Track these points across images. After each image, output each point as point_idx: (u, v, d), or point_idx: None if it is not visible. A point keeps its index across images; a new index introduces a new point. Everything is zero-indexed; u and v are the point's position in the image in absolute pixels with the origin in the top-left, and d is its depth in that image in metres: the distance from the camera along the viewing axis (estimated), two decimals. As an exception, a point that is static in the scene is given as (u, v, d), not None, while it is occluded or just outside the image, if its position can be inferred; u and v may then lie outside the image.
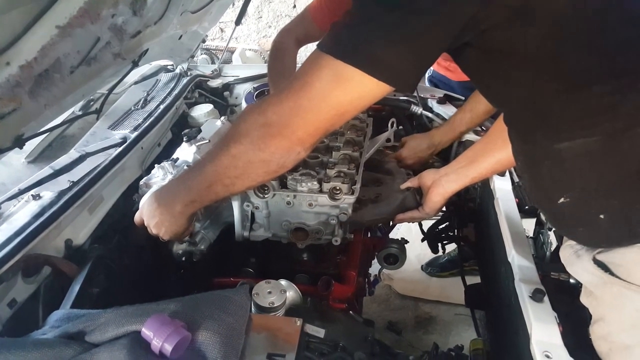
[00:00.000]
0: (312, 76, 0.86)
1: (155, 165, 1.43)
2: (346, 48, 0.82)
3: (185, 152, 1.51)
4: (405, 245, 1.65)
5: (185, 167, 1.42)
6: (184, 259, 1.39)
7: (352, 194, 1.30)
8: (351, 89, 0.85)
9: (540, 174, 0.93)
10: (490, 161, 1.28)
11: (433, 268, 2.80)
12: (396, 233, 1.84)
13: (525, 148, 0.95)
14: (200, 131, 1.61)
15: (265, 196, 1.33)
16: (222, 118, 1.75)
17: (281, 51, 1.91)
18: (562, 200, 0.88)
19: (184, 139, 1.54)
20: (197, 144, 1.51)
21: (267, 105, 0.94)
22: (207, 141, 1.53)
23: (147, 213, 1.19)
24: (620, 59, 0.81)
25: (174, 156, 1.51)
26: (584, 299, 0.96)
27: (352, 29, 0.83)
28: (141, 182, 1.42)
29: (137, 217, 1.24)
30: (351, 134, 1.58)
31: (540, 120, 0.88)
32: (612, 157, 0.83)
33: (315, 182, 1.31)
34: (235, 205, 1.36)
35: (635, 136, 0.80)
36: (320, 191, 1.31)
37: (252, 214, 1.39)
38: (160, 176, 1.40)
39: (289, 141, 0.93)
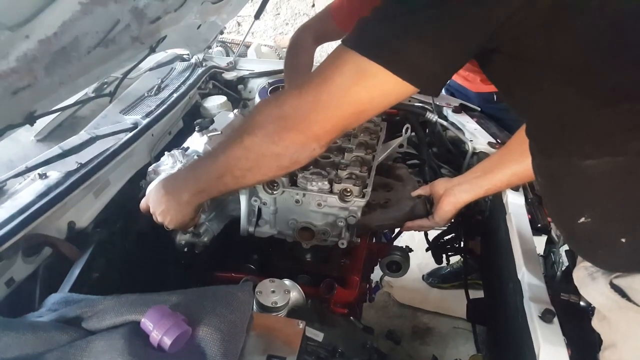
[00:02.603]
0: (334, 71, 0.84)
1: (165, 152, 1.41)
2: (371, 44, 0.79)
3: (196, 142, 1.49)
4: (409, 253, 1.62)
5: (195, 157, 1.40)
6: (186, 249, 1.38)
7: (363, 197, 1.28)
8: (373, 86, 0.82)
9: (561, 191, 0.90)
10: (506, 173, 1.24)
11: (434, 279, 2.76)
12: (399, 241, 1.82)
13: (546, 163, 0.92)
14: (212, 122, 1.60)
15: (274, 192, 1.30)
16: (235, 111, 1.74)
17: (299, 48, 1.89)
18: (582, 219, 0.85)
19: (196, 129, 1.52)
20: (208, 135, 1.49)
21: (285, 98, 0.92)
22: (219, 132, 1.51)
23: (153, 200, 1.17)
24: None
25: (185, 145, 1.50)
26: (596, 323, 0.93)
27: (379, 25, 0.80)
28: (149, 169, 1.40)
29: (143, 203, 1.22)
30: (364, 137, 1.56)
31: (564, 134, 0.85)
32: (638, 178, 0.80)
33: (326, 182, 1.29)
34: (243, 199, 1.34)
35: None
36: (331, 192, 1.29)
37: (259, 209, 1.36)
38: (169, 164, 1.38)
39: (305, 136, 0.91)
